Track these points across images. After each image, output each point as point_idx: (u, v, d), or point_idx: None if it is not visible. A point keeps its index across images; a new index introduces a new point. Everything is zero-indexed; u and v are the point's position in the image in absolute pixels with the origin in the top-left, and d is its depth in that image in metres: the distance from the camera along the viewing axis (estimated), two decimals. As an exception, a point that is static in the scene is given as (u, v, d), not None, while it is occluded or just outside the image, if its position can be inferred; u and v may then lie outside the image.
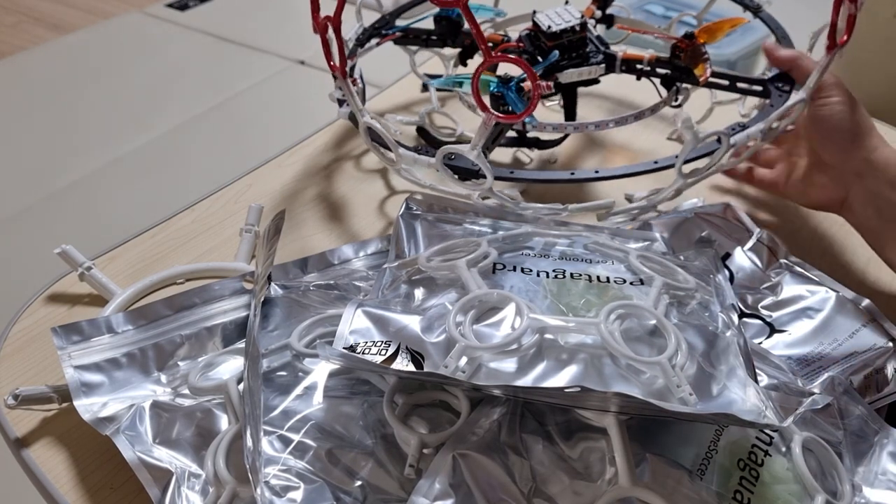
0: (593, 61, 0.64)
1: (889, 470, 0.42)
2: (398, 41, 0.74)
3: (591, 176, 0.54)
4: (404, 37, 0.74)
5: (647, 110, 0.65)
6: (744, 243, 0.60)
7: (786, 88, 0.60)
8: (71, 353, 0.46)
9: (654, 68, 0.65)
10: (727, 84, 0.64)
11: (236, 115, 1.96)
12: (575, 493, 0.37)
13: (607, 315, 0.40)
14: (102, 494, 0.44)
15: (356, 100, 0.57)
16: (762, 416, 0.37)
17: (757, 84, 0.63)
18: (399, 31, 0.73)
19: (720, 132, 0.50)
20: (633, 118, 0.63)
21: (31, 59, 2.25)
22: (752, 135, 0.53)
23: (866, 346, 0.51)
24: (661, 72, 0.65)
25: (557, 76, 0.63)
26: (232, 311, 0.51)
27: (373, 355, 0.39)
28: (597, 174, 0.54)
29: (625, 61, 0.65)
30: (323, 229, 0.65)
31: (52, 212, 1.64)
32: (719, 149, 0.52)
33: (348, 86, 0.55)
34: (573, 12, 0.64)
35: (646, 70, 0.66)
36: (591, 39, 0.65)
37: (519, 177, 0.54)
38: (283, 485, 0.37)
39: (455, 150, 0.52)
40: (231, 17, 2.43)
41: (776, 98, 0.59)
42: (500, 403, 0.40)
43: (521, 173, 0.54)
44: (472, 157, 0.50)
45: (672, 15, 0.90)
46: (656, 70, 0.65)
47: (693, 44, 0.62)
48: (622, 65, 0.66)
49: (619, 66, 0.66)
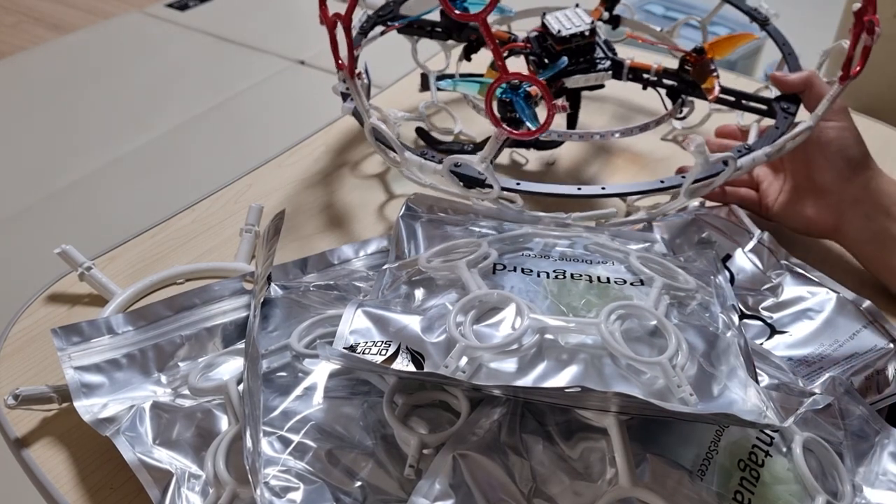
0: (600, 67, 0.64)
1: (889, 470, 0.42)
2: (402, 30, 0.73)
3: (598, 192, 0.54)
4: (409, 26, 0.72)
5: (653, 122, 0.65)
6: (744, 245, 0.60)
7: (791, 110, 0.60)
8: (71, 354, 0.46)
9: (660, 79, 0.65)
10: (733, 101, 0.63)
11: (236, 115, 1.96)
12: (575, 494, 0.37)
13: (608, 315, 0.40)
14: (102, 495, 0.44)
15: (363, 100, 0.57)
16: (763, 416, 0.37)
17: (762, 103, 0.62)
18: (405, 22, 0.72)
19: (729, 156, 0.50)
20: (639, 129, 0.63)
21: (31, 59, 2.25)
22: (758, 159, 0.53)
23: (867, 347, 0.51)
24: (668, 83, 0.65)
25: (564, 81, 0.62)
26: (232, 312, 0.51)
27: (373, 355, 0.39)
28: (603, 190, 0.54)
29: (632, 70, 0.65)
30: (323, 229, 0.65)
31: (52, 212, 1.64)
32: (724, 171, 0.52)
33: (356, 86, 0.55)
34: (583, 16, 0.64)
35: (652, 80, 0.65)
36: (599, 45, 0.65)
37: (526, 189, 0.54)
38: (282, 485, 0.37)
39: (463, 160, 0.51)
40: (231, 17, 2.43)
41: (781, 120, 0.59)
42: (501, 403, 0.40)
43: (528, 185, 0.54)
44: (481, 169, 0.50)
45: (672, 15, 0.90)
46: (662, 81, 0.65)
47: (702, 58, 0.62)
48: (629, 73, 0.65)
49: (625, 75, 0.65)
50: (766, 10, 0.71)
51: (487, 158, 0.50)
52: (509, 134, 0.48)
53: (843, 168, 0.58)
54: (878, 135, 0.74)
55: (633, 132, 0.63)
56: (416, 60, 0.78)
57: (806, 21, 1.33)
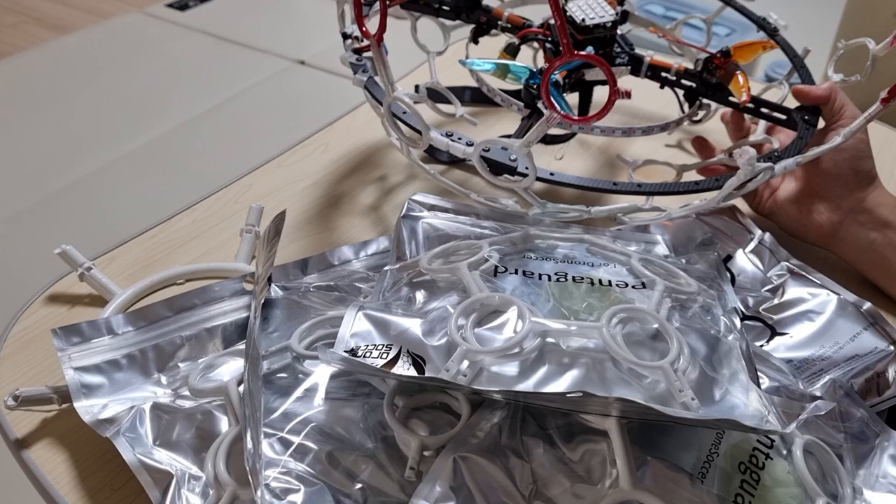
0: (619, 62, 0.62)
1: (890, 473, 0.42)
2: (405, 5, 0.69)
3: (634, 189, 0.53)
4: (414, 1, 0.69)
5: (672, 123, 0.63)
6: (745, 245, 0.60)
7: (813, 121, 0.59)
8: (71, 355, 0.46)
9: (679, 79, 0.63)
10: (752, 108, 0.62)
11: (236, 115, 1.96)
12: (576, 496, 0.37)
13: (609, 319, 0.40)
14: (103, 496, 0.44)
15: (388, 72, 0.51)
16: (765, 421, 0.37)
17: (782, 112, 0.61)
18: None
19: (769, 165, 0.49)
20: (660, 129, 0.62)
21: (31, 59, 2.24)
22: (789, 166, 0.52)
23: (867, 349, 0.51)
24: (686, 83, 0.63)
25: (585, 73, 0.61)
26: (232, 313, 0.51)
27: (374, 359, 0.39)
28: (640, 188, 0.53)
29: (651, 67, 0.63)
30: (323, 230, 0.65)
31: (52, 212, 1.64)
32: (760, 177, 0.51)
33: (382, 55, 0.50)
34: (605, 7, 0.61)
35: (671, 80, 0.63)
36: (617, 39, 0.63)
37: (561, 180, 0.52)
38: (283, 487, 0.37)
39: (502, 143, 0.47)
40: (231, 17, 2.43)
41: (804, 130, 0.58)
42: (501, 406, 0.39)
43: (562, 176, 0.52)
44: (521, 155, 0.46)
45: (672, 15, 0.89)
46: (681, 81, 0.63)
47: (728, 61, 0.61)
48: (648, 70, 0.63)
49: (644, 71, 0.64)
50: (774, 20, 0.70)
51: (532, 143, 0.46)
52: (563, 118, 0.44)
53: (852, 178, 0.58)
54: (877, 135, 0.74)
55: (654, 131, 0.61)
56: (415, 40, 0.73)
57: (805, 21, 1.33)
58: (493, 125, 0.80)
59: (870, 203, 0.58)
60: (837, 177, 0.58)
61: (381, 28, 0.48)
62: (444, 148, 0.51)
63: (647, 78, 0.64)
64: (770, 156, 0.55)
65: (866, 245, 0.58)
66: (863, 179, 0.58)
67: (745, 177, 0.48)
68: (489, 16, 0.68)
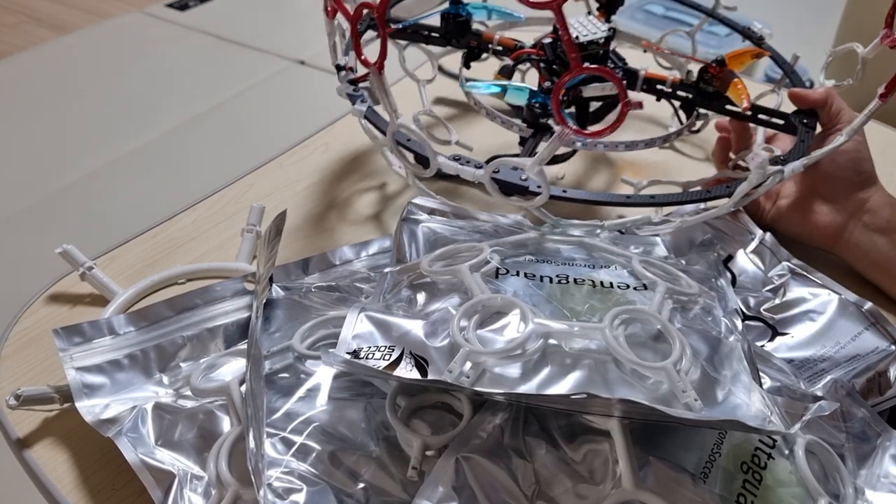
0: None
1: (891, 472, 0.42)
2: (394, 34, 0.69)
3: (647, 201, 0.53)
4: (402, 31, 0.69)
5: (673, 134, 0.64)
6: (746, 245, 0.60)
7: (811, 124, 0.59)
8: (72, 355, 0.46)
9: (675, 90, 0.64)
10: (750, 114, 0.62)
11: (236, 115, 1.96)
12: (578, 497, 0.37)
13: (612, 320, 0.40)
14: (104, 496, 0.44)
15: (391, 100, 0.52)
16: (767, 421, 0.37)
17: (779, 117, 0.61)
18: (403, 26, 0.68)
19: (780, 168, 0.49)
20: (662, 141, 0.63)
21: (31, 59, 2.24)
22: (797, 169, 0.52)
23: (869, 349, 0.51)
24: (682, 94, 0.64)
25: (582, 90, 0.61)
26: (234, 312, 0.51)
27: (376, 360, 0.39)
28: (653, 199, 0.53)
29: (646, 80, 0.64)
30: (324, 230, 0.65)
31: (53, 212, 1.64)
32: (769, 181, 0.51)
33: (384, 83, 0.51)
34: (597, 23, 0.62)
35: (667, 92, 0.64)
36: (610, 55, 0.64)
37: (574, 196, 0.51)
38: (285, 487, 0.37)
39: (513, 164, 0.47)
40: (231, 17, 2.43)
41: (804, 133, 0.58)
42: (504, 406, 0.39)
43: (575, 193, 0.51)
44: (533, 174, 0.46)
45: (672, 15, 0.90)
46: (677, 93, 0.64)
47: (724, 70, 0.61)
48: (643, 84, 0.64)
49: (640, 85, 0.64)
50: (759, 28, 0.71)
51: (544, 162, 0.45)
52: (576, 133, 0.44)
53: (855, 178, 0.58)
54: (877, 136, 0.73)
55: (656, 143, 0.62)
56: (404, 69, 0.74)
57: (803, 21, 1.33)
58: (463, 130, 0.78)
59: (873, 204, 0.58)
60: (840, 178, 0.59)
61: (381, 56, 0.49)
62: (454, 172, 0.50)
63: (642, 91, 0.65)
64: (776, 160, 0.55)
65: (870, 247, 0.58)
66: (865, 180, 0.59)
67: (756, 181, 0.48)
68: (480, 40, 0.68)
